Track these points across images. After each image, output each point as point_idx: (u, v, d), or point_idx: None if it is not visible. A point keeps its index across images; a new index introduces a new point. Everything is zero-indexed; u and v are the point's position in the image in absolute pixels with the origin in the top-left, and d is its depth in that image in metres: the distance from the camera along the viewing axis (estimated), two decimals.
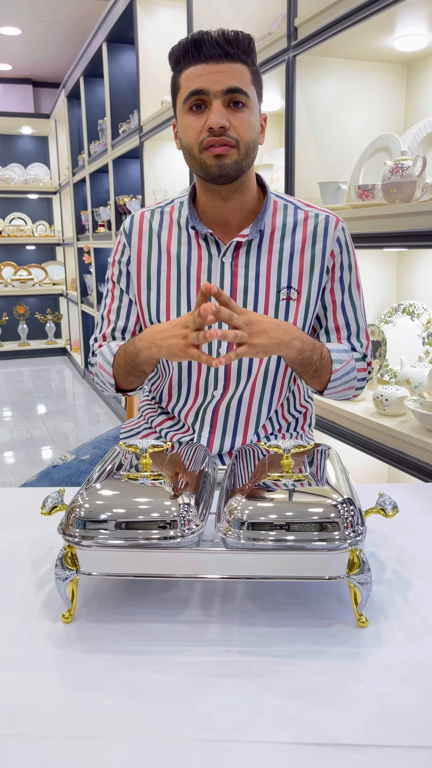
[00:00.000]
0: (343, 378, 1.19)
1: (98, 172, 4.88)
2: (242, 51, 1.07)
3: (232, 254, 1.18)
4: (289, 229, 1.19)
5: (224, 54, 1.06)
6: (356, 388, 1.23)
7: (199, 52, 1.06)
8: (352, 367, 1.20)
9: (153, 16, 3.31)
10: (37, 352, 7.10)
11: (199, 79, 1.07)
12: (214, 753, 0.58)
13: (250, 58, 1.09)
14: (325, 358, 1.15)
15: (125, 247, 1.24)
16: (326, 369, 1.16)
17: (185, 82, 1.09)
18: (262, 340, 1.02)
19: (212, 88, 1.06)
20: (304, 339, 1.10)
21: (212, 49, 1.06)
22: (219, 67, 1.06)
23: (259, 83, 1.13)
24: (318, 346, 1.14)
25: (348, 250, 1.21)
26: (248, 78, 1.09)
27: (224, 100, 1.07)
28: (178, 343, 1.03)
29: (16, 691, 0.66)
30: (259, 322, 1.03)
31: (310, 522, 0.73)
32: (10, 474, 3.57)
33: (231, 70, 1.06)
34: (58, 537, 0.95)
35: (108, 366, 1.21)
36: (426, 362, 1.82)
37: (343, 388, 1.21)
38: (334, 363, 1.17)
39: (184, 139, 1.12)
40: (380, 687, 0.65)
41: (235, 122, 1.07)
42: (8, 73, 6.65)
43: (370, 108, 2.04)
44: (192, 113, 1.09)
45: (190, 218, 1.19)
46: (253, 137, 1.10)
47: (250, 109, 1.09)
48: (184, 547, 0.75)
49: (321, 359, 1.14)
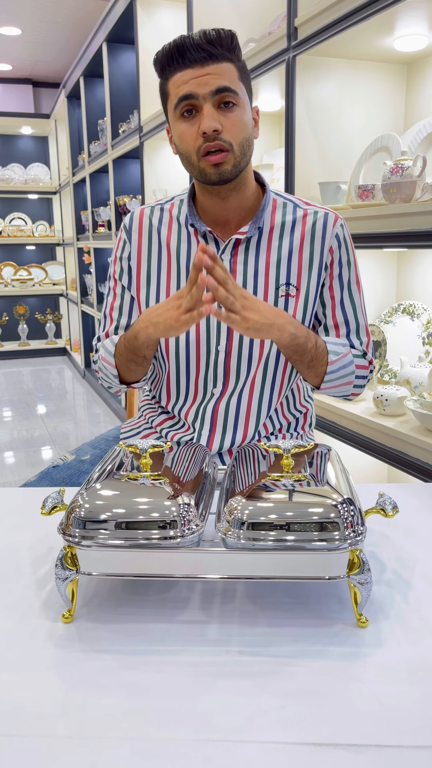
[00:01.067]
0: (340, 371, 1.18)
1: (98, 172, 4.88)
2: (226, 49, 1.07)
3: (231, 251, 1.18)
4: (288, 227, 1.19)
5: (209, 56, 1.06)
6: (355, 385, 1.22)
7: (184, 57, 1.06)
8: (350, 361, 1.19)
9: (153, 16, 3.31)
10: (37, 352, 7.10)
11: (186, 85, 1.07)
12: (214, 753, 0.58)
13: (235, 54, 1.09)
14: (321, 347, 1.14)
15: (126, 244, 1.25)
16: (322, 359, 1.15)
17: (173, 89, 1.09)
18: (254, 316, 1.01)
19: (201, 92, 1.06)
20: (298, 325, 1.09)
21: (196, 53, 1.05)
22: (205, 70, 1.06)
23: (247, 78, 1.12)
24: (312, 335, 1.13)
25: (347, 247, 1.21)
26: (235, 75, 1.08)
27: (214, 102, 1.07)
28: (173, 315, 1.03)
29: (16, 691, 0.66)
30: (253, 300, 1.04)
31: (310, 522, 0.73)
32: (10, 474, 3.58)
33: (217, 71, 1.06)
34: (58, 537, 0.95)
35: (110, 357, 1.21)
36: (426, 362, 1.82)
37: (341, 382, 1.19)
38: (330, 354, 1.16)
39: (181, 146, 1.12)
40: (380, 687, 0.65)
41: (227, 123, 1.07)
42: (8, 73, 6.65)
43: (370, 108, 2.04)
44: (184, 119, 1.09)
45: (190, 216, 1.19)
46: (246, 135, 1.10)
47: (241, 106, 1.09)
48: (184, 547, 0.75)
49: (316, 348, 1.13)
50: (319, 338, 1.15)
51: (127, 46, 3.97)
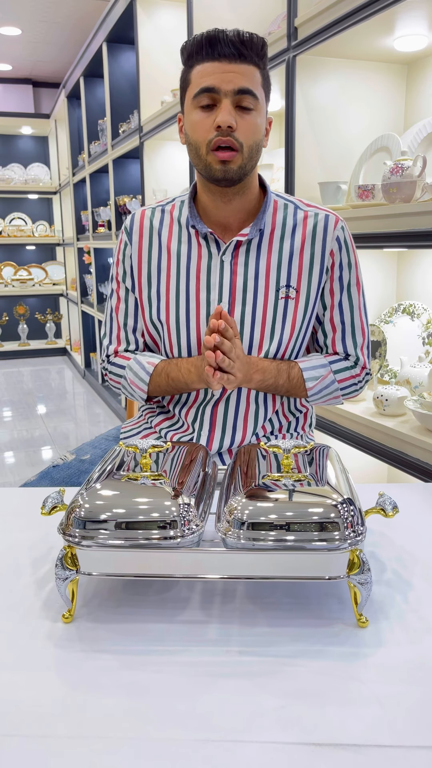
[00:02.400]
0: (322, 392, 1.23)
1: (98, 172, 4.88)
2: (255, 53, 1.08)
3: (231, 253, 1.18)
4: (289, 229, 1.19)
5: (238, 54, 1.06)
6: (344, 395, 1.26)
7: (214, 49, 1.07)
8: (331, 381, 1.22)
9: (153, 16, 3.31)
10: (37, 352, 7.10)
11: (210, 77, 1.07)
12: (214, 753, 0.58)
13: (262, 61, 1.10)
14: (294, 379, 1.20)
15: (127, 246, 1.25)
16: (299, 387, 1.21)
17: (196, 78, 1.09)
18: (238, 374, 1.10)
19: (224, 87, 1.07)
20: (266, 368, 1.16)
21: (227, 48, 1.06)
22: (232, 67, 1.06)
23: (267, 86, 1.14)
24: (285, 371, 1.18)
25: (348, 249, 1.21)
26: (259, 81, 1.09)
27: (234, 101, 1.07)
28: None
29: (16, 691, 0.66)
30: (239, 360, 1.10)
31: (310, 522, 0.73)
32: (10, 474, 3.57)
33: (243, 71, 1.07)
34: (58, 537, 0.95)
35: (143, 384, 1.23)
36: (426, 362, 1.82)
37: (326, 399, 1.25)
38: (308, 382, 1.20)
39: (192, 135, 1.12)
40: (380, 687, 0.65)
41: (242, 124, 1.08)
42: (8, 73, 6.65)
43: (370, 108, 2.04)
44: (201, 110, 1.10)
45: (190, 217, 1.19)
46: (257, 140, 1.11)
47: (258, 111, 1.10)
48: (184, 547, 0.75)
49: (289, 381, 1.19)
50: (295, 368, 1.20)
51: (127, 46, 3.97)
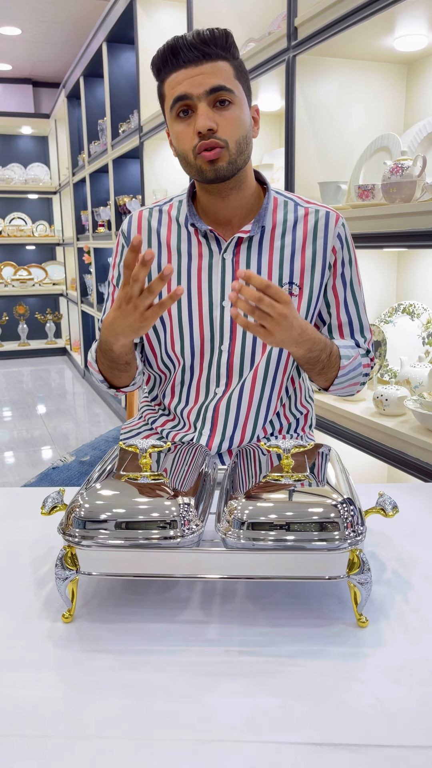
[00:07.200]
0: (350, 374, 1.20)
1: (98, 172, 4.88)
2: (220, 48, 1.07)
3: (233, 251, 1.18)
4: (289, 226, 1.19)
5: (202, 55, 1.06)
6: (361, 382, 1.24)
7: (177, 58, 1.06)
8: (359, 363, 1.21)
9: (153, 16, 3.31)
10: (37, 352, 7.10)
11: (181, 85, 1.07)
12: (214, 753, 0.58)
13: (230, 53, 1.09)
14: (334, 355, 1.15)
15: (124, 249, 1.24)
16: (334, 366, 1.17)
17: (169, 90, 1.09)
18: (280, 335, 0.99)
19: (195, 91, 1.06)
20: (317, 340, 1.09)
21: (189, 53, 1.05)
22: (198, 69, 1.06)
23: (244, 76, 1.12)
24: (329, 345, 1.14)
25: (348, 246, 1.22)
26: (231, 73, 1.08)
27: (209, 101, 1.07)
28: (135, 318, 1.00)
29: (16, 691, 0.66)
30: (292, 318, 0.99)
31: (310, 522, 0.73)
32: (10, 474, 3.57)
33: (211, 70, 1.06)
34: (58, 537, 0.95)
35: (95, 364, 1.22)
36: (426, 362, 1.82)
37: (348, 384, 1.22)
38: (343, 359, 1.17)
39: (178, 147, 1.12)
40: (380, 687, 0.65)
41: (222, 122, 1.07)
42: (8, 73, 6.64)
43: (370, 108, 2.04)
44: (180, 120, 1.09)
45: (190, 216, 1.19)
46: (243, 133, 1.10)
47: (238, 105, 1.09)
48: (184, 547, 0.75)
49: (329, 357, 1.14)
50: (335, 346, 1.16)
51: (127, 46, 3.97)
